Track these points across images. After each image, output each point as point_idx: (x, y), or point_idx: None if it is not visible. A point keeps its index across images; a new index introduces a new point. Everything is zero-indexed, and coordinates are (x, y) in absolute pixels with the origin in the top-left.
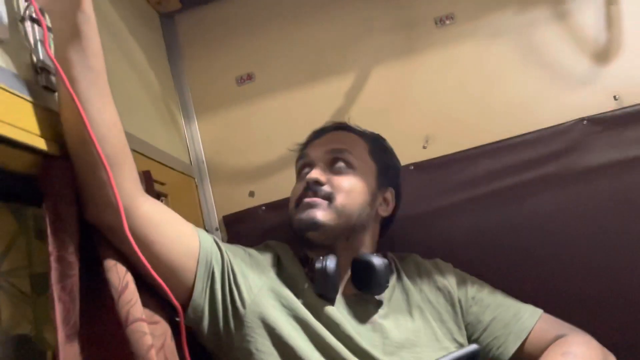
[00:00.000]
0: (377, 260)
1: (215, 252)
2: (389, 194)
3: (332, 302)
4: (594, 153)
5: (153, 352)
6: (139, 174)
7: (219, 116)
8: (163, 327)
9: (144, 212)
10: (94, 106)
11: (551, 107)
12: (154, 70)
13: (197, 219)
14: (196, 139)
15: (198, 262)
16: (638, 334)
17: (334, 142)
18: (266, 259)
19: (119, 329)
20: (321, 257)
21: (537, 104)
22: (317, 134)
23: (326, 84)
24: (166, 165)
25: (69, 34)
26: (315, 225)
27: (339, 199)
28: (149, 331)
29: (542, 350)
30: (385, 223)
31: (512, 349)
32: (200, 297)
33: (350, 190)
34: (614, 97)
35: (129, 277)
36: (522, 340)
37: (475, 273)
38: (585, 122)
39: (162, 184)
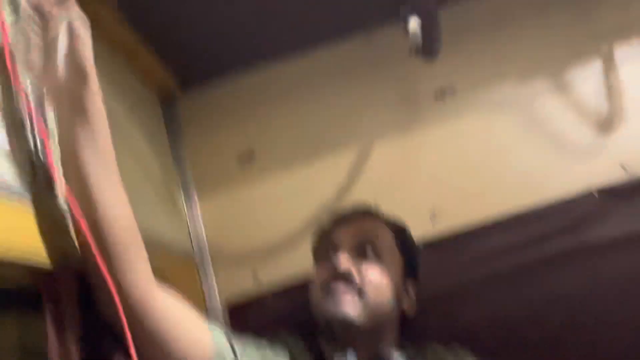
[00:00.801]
0: (398, 358)
1: (228, 350)
2: (412, 286)
3: None
4: (606, 227)
5: None
6: None
7: (221, 196)
8: None
9: (161, 306)
10: (110, 199)
11: (558, 178)
12: (154, 154)
13: (199, 304)
14: (197, 220)
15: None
16: None
17: (362, 230)
18: (278, 354)
19: None
20: (339, 354)
21: (543, 175)
22: (344, 219)
23: (328, 161)
24: (166, 250)
25: (75, 112)
26: (345, 322)
27: (370, 294)
28: None
29: None
30: (407, 319)
31: None
32: None
33: (379, 284)
34: (622, 166)
35: None
36: None
37: (492, 354)
38: (596, 193)
39: (161, 270)
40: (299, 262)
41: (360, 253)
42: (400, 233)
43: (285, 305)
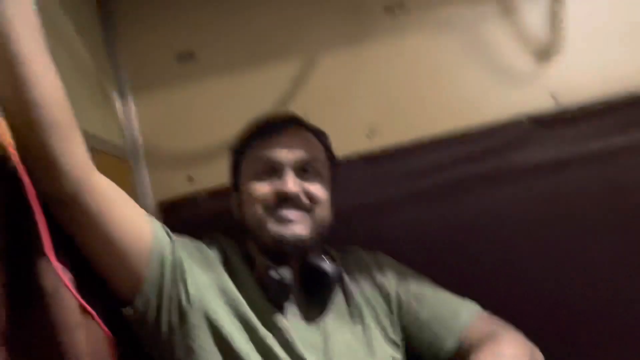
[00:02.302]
0: (329, 267)
1: (167, 243)
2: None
3: (280, 308)
4: (533, 151)
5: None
6: None
7: (158, 95)
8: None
9: (98, 184)
10: (39, 65)
11: (493, 103)
12: (85, 44)
13: None
14: (131, 119)
15: (151, 252)
16: (566, 331)
17: (302, 147)
18: (215, 255)
19: (53, 334)
20: (273, 268)
21: (479, 98)
22: (274, 130)
23: (271, 68)
24: (96, 148)
25: None
26: (300, 241)
27: (317, 212)
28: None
29: (474, 346)
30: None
31: (449, 346)
32: (151, 290)
33: (324, 201)
34: (552, 96)
35: (67, 277)
36: (458, 337)
37: (413, 267)
38: (526, 120)
39: None
40: None
41: (302, 171)
42: (325, 141)
43: (217, 206)
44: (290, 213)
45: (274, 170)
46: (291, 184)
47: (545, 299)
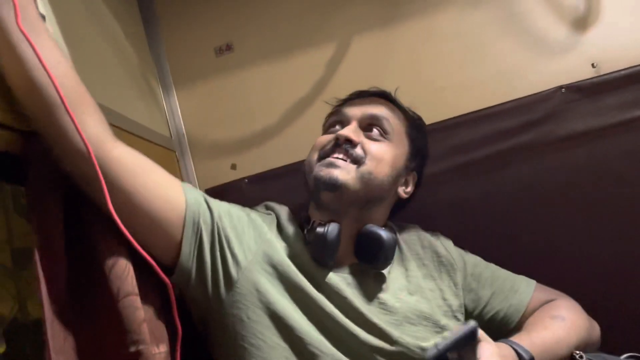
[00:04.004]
0: (386, 235)
1: (204, 211)
2: (412, 177)
3: (328, 269)
4: (572, 121)
5: (145, 326)
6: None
7: (199, 88)
8: (155, 298)
9: (115, 157)
10: (38, 44)
11: (530, 76)
12: (130, 41)
13: None
14: (175, 111)
15: (185, 221)
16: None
17: (375, 107)
18: (265, 220)
19: (110, 303)
20: (324, 223)
21: (516, 72)
22: (358, 95)
23: (306, 54)
24: (145, 139)
25: None
26: (334, 186)
27: (368, 165)
28: (141, 305)
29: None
30: (399, 206)
31: (514, 321)
32: (188, 260)
33: (381, 159)
34: (592, 64)
35: (121, 250)
36: (522, 312)
37: (456, 243)
38: (563, 90)
39: None
40: (275, 155)
41: (368, 129)
42: (414, 123)
43: (259, 190)
44: (337, 159)
45: (341, 124)
46: (347, 130)
47: (590, 268)
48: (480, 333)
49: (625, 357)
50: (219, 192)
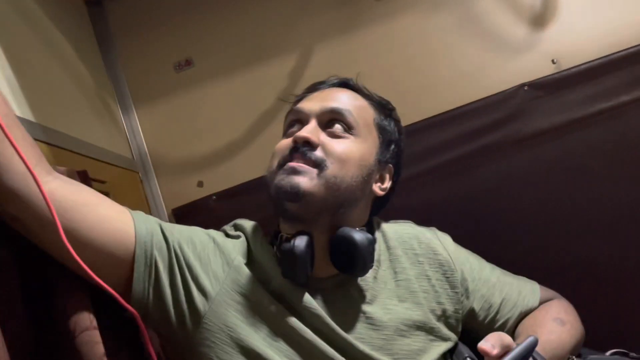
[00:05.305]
0: (359, 236)
1: (158, 241)
2: (388, 172)
3: (304, 287)
4: (537, 118)
5: None
6: (73, 173)
7: (159, 105)
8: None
9: (53, 193)
10: None
11: (494, 75)
12: (84, 62)
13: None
14: (136, 131)
15: (135, 254)
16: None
17: (335, 100)
18: (234, 244)
19: (68, 339)
20: (291, 236)
21: (480, 72)
22: (315, 87)
23: (269, 65)
24: (106, 162)
25: None
26: (297, 195)
27: (331, 168)
28: (101, 339)
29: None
30: (379, 204)
31: (515, 324)
32: (143, 297)
33: (345, 159)
34: (552, 60)
35: (77, 285)
36: (525, 315)
37: None
38: (526, 87)
39: (102, 182)
40: (243, 169)
41: (329, 125)
42: (383, 110)
43: (228, 206)
44: (297, 163)
45: (300, 123)
46: (304, 130)
47: (560, 257)
48: None
49: (610, 353)
50: (187, 211)
